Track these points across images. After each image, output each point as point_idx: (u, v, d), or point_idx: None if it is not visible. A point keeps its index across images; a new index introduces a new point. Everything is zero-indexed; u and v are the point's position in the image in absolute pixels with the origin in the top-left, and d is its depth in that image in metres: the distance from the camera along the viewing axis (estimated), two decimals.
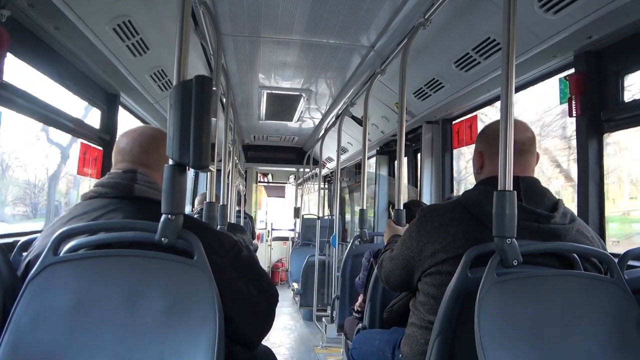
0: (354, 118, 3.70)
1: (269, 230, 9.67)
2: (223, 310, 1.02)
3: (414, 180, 4.24)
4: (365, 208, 2.75)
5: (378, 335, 1.83)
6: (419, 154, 3.96)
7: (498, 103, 2.70)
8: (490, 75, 2.42)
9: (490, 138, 1.41)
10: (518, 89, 2.59)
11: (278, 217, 10.16)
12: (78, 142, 2.62)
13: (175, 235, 1.02)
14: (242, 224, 5.79)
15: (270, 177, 10.33)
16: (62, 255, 1.02)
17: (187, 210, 4.92)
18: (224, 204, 2.53)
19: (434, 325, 1.18)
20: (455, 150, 3.54)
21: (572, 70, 2.11)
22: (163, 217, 1.02)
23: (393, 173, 4.94)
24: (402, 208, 2.10)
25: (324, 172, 7.67)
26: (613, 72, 1.97)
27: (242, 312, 1.18)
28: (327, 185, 9.00)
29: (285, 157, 7.36)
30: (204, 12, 2.07)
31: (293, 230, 9.02)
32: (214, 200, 2.21)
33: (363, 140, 2.82)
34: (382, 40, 2.71)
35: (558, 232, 1.24)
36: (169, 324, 0.98)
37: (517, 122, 1.30)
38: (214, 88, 1.12)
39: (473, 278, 1.13)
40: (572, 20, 1.75)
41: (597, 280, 1.18)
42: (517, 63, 1.28)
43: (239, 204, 6.44)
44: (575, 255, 1.23)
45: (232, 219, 4.67)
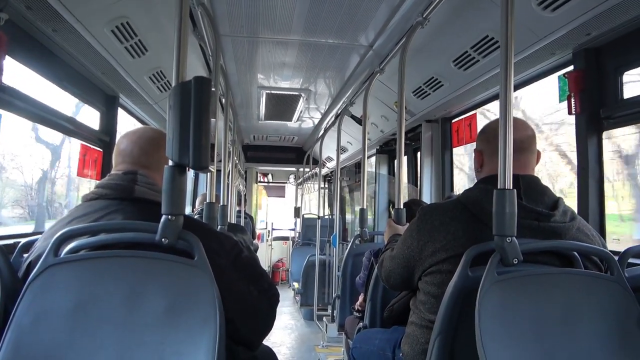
0: (354, 117, 3.70)
1: (269, 230, 9.67)
2: (224, 311, 1.02)
3: (414, 179, 4.24)
4: (366, 207, 2.75)
5: (379, 335, 1.83)
6: (419, 153, 3.96)
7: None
8: (489, 74, 2.42)
9: (490, 137, 1.41)
10: (517, 87, 2.59)
11: (278, 216, 10.16)
12: (71, 141, 2.59)
13: (176, 236, 1.02)
14: (242, 224, 5.80)
15: (270, 177, 10.33)
16: (62, 257, 1.02)
17: (187, 211, 4.92)
18: (224, 204, 2.53)
19: (435, 324, 1.18)
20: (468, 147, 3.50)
21: (571, 68, 2.11)
22: (163, 217, 1.02)
23: (393, 172, 4.94)
24: (402, 207, 2.10)
25: (324, 171, 7.68)
26: (612, 69, 1.97)
27: (243, 313, 1.18)
28: (327, 185, 9.00)
29: (285, 157, 7.35)
30: (202, 13, 2.07)
31: (293, 230, 9.02)
32: (214, 201, 2.21)
33: (363, 140, 2.82)
34: (380, 40, 2.71)
35: (558, 230, 1.24)
36: (170, 325, 0.99)
37: (516, 120, 1.30)
38: (213, 89, 1.12)
39: (473, 277, 1.13)
40: (570, 18, 1.75)
41: (597, 278, 1.18)
42: (516, 61, 1.28)
43: (239, 204, 6.44)
44: (576, 254, 1.23)
45: (232, 219, 4.66)
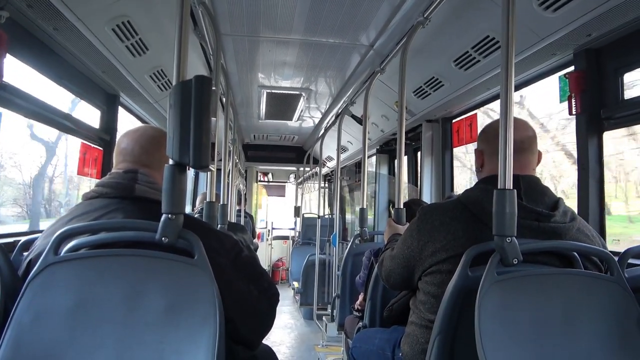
0: (354, 117, 3.70)
1: (269, 230, 9.67)
2: (224, 310, 1.02)
3: (414, 179, 4.24)
4: (366, 207, 2.75)
5: (378, 334, 1.83)
6: (419, 153, 3.96)
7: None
8: (490, 74, 2.41)
9: (490, 137, 1.41)
10: (518, 87, 2.59)
11: (278, 216, 10.16)
12: (67, 138, 2.57)
13: (176, 235, 1.02)
14: (242, 223, 5.80)
15: (271, 176, 10.33)
16: (62, 255, 1.02)
17: (187, 210, 4.92)
18: (224, 203, 2.53)
19: (435, 324, 1.18)
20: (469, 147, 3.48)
21: (571, 68, 2.11)
22: (163, 216, 1.02)
23: (393, 172, 4.94)
24: (402, 207, 2.10)
25: (324, 171, 7.68)
26: (613, 69, 1.97)
27: (242, 313, 1.18)
28: (327, 184, 8.99)
29: (285, 156, 7.35)
30: (203, 12, 2.07)
31: (293, 229, 9.02)
32: (214, 200, 2.21)
33: (363, 139, 2.82)
34: (381, 39, 2.70)
35: (558, 230, 1.24)
36: (170, 323, 0.99)
37: (517, 120, 1.30)
38: (214, 88, 1.12)
39: (473, 277, 1.13)
40: (571, 18, 1.75)
41: (597, 279, 1.18)
42: (516, 61, 1.29)
43: (239, 203, 6.44)
44: (576, 254, 1.23)
45: (232, 218, 4.67)
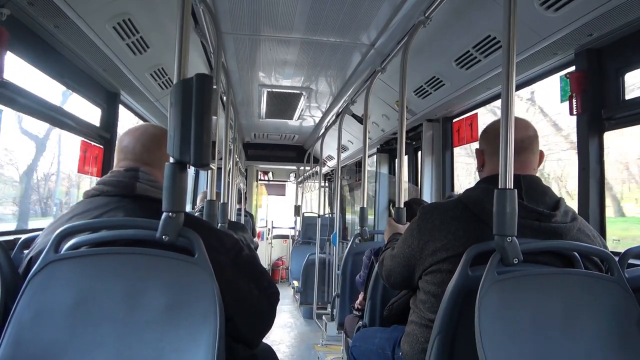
0: (355, 116, 3.69)
1: (270, 229, 9.67)
2: (224, 309, 1.02)
3: (415, 179, 4.24)
4: (366, 206, 2.75)
5: (378, 333, 1.83)
6: (420, 152, 3.96)
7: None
8: (491, 74, 2.41)
9: (491, 136, 1.41)
10: (519, 87, 2.59)
11: (278, 215, 10.16)
12: (61, 133, 2.53)
13: (176, 233, 1.02)
14: (242, 222, 5.80)
15: (271, 175, 10.33)
16: (63, 253, 1.02)
17: (187, 210, 4.91)
18: (225, 202, 2.54)
19: (435, 324, 1.18)
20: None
21: (572, 68, 2.11)
22: (164, 215, 1.02)
23: (393, 171, 4.94)
24: (402, 206, 2.09)
25: (325, 170, 7.67)
26: (614, 69, 1.97)
27: (242, 312, 1.18)
28: (327, 184, 8.99)
29: (286, 155, 7.35)
30: (204, 10, 2.07)
31: (293, 229, 9.02)
32: (215, 198, 2.21)
33: (363, 139, 2.82)
34: (382, 39, 2.70)
35: (559, 230, 1.24)
36: (170, 322, 0.99)
37: (518, 120, 1.30)
38: (214, 86, 1.12)
39: (473, 276, 1.13)
40: (572, 18, 1.75)
41: (597, 279, 1.17)
42: (517, 61, 1.28)
43: (240, 202, 6.45)
44: (576, 254, 1.23)
45: (232, 217, 4.67)
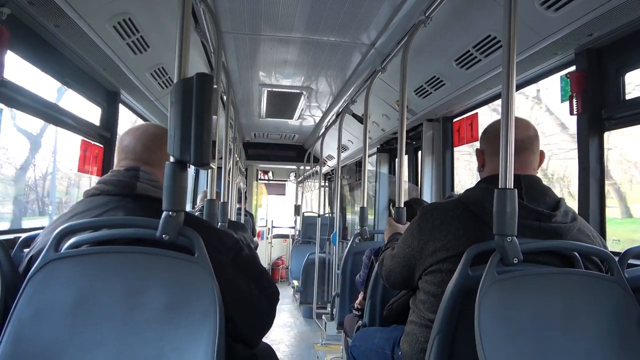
0: (355, 116, 3.69)
1: (269, 228, 9.67)
2: (224, 308, 1.02)
3: (415, 178, 4.24)
4: (366, 206, 2.75)
5: (378, 333, 1.83)
6: (420, 152, 3.96)
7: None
8: (491, 73, 2.41)
9: (491, 136, 1.41)
10: (519, 87, 2.59)
11: (278, 214, 10.16)
12: (57, 131, 2.50)
13: (176, 232, 1.02)
14: (242, 222, 5.80)
15: (271, 174, 10.33)
16: (63, 252, 1.02)
17: (187, 209, 4.91)
18: (225, 202, 2.54)
19: (434, 323, 1.18)
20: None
21: (573, 68, 2.11)
22: (164, 214, 1.02)
23: (393, 171, 4.94)
24: (402, 206, 2.10)
25: (325, 169, 7.67)
26: (614, 69, 1.97)
27: (242, 311, 1.18)
28: (327, 183, 8.99)
29: (286, 154, 7.34)
30: (204, 10, 2.07)
31: (293, 228, 9.02)
32: (215, 198, 2.21)
33: (364, 138, 2.82)
34: (382, 38, 2.70)
35: (559, 230, 1.24)
36: (170, 321, 0.99)
37: (518, 120, 1.30)
38: (215, 86, 1.12)
39: (473, 276, 1.13)
40: (573, 18, 1.74)
41: (597, 279, 1.17)
42: (518, 61, 1.28)
43: (240, 202, 6.44)
44: (576, 254, 1.23)
45: (232, 217, 4.67)
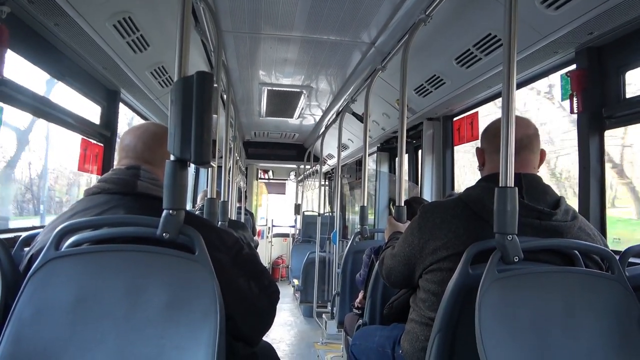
0: (355, 115, 3.69)
1: (270, 227, 9.68)
2: (224, 307, 1.02)
3: (415, 177, 4.24)
4: (366, 205, 2.75)
5: (378, 332, 1.83)
6: (420, 151, 3.96)
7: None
8: (491, 72, 2.41)
9: (491, 135, 1.42)
10: (519, 86, 2.59)
11: (278, 213, 10.16)
12: (49, 127, 2.47)
13: (177, 231, 1.02)
14: (242, 221, 5.80)
15: (271, 173, 10.33)
16: (63, 250, 1.02)
17: (187, 208, 4.91)
18: (225, 201, 2.54)
19: (435, 322, 1.18)
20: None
21: (573, 67, 2.11)
22: (164, 212, 1.02)
23: (394, 170, 4.94)
24: (402, 205, 2.10)
25: (325, 169, 7.67)
26: (614, 68, 1.96)
27: (243, 310, 1.18)
28: (327, 182, 8.99)
29: (286, 153, 7.34)
30: (205, 8, 2.06)
31: (293, 227, 9.02)
32: (215, 197, 2.21)
33: (364, 137, 2.81)
34: (382, 37, 2.70)
35: (560, 229, 1.24)
36: (170, 319, 0.99)
37: (518, 118, 1.29)
38: (215, 85, 1.12)
39: (474, 274, 1.13)
40: (573, 16, 1.74)
41: (598, 277, 1.17)
42: (518, 59, 1.28)
43: (240, 201, 6.44)
44: (577, 252, 1.23)
45: (232, 216, 4.67)
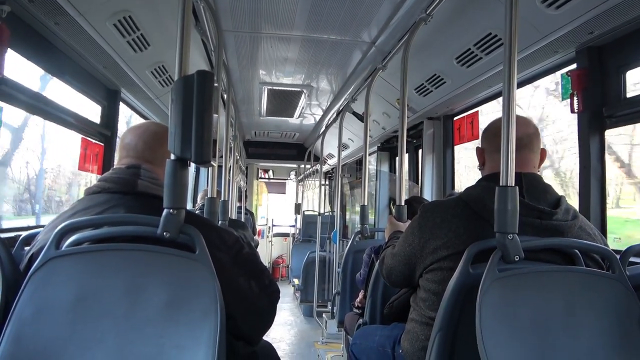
0: (355, 114, 3.69)
1: (270, 227, 9.68)
2: (224, 306, 1.02)
3: (415, 177, 4.24)
4: (367, 204, 2.75)
5: (378, 331, 1.83)
6: (420, 150, 3.95)
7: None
8: (492, 71, 2.41)
9: (490, 135, 1.42)
10: (520, 85, 2.59)
11: (279, 213, 10.16)
12: (43, 124, 2.46)
13: (177, 230, 1.02)
14: (242, 220, 5.80)
15: (271, 173, 10.33)
16: (64, 249, 1.02)
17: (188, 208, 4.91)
18: (225, 200, 2.54)
19: (435, 321, 1.17)
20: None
21: (574, 66, 2.11)
22: (165, 211, 1.02)
23: (394, 169, 4.94)
24: (403, 204, 2.10)
25: (325, 168, 7.66)
26: (615, 67, 1.96)
27: (243, 309, 1.18)
28: (327, 182, 8.99)
29: (286, 153, 7.33)
30: (205, 7, 2.06)
31: (294, 227, 9.03)
32: (215, 196, 2.21)
33: (364, 137, 2.81)
34: (383, 36, 2.70)
35: (560, 228, 1.24)
36: (170, 318, 0.99)
37: (518, 117, 1.29)
38: (215, 84, 1.11)
39: (474, 274, 1.13)
40: (573, 16, 1.74)
41: (598, 277, 1.17)
42: (518, 59, 1.28)
43: (240, 200, 6.44)
44: (577, 252, 1.22)
45: (233, 215, 4.67)
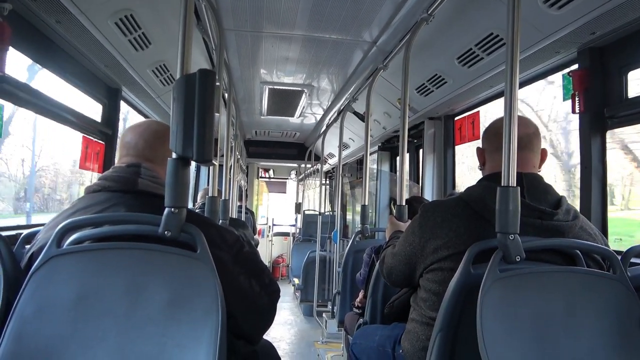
0: (356, 114, 3.69)
1: (270, 226, 9.68)
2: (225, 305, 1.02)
3: (416, 177, 4.24)
4: (367, 204, 2.75)
5: (379, 331, 1.83)
6: (421, 150, 3.95)
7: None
8: (493, 72, 2.41)
9: (491, 135, 1.42)
10: (521, 85, 2.58)
11: (279, 212, 10.16)
12: (35, 118, 2.44)
13: (179, 229, 1.02)
14: (243, 219, 5.80)
15: (272, 172, 10.33)
16: (65, 248, 1.02)
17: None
18: (226, 199, 2.54)
19: (436, 321, 1.17)
20: None
21: (575, 66, 2.11)
22: (166, 210, 1.02)
23: (395, 169, 4.94)
24: (403, 204, 2.09)
25: (326, 168, 7.66)
26: (616, 68, 1.96)
27: (243, 308, 1.18)
28: (328, 181, 8.99)
29: (287, 152, 7.33)
30: (206, 6, 2.06)
31: (294, 226, 9.03)
32: (216, 195, 2.22)
33: (365, 136, 2.81)
34: (384, 36, 2.70)
35: (561, 228, 1.24)
36: (172, 317, 0.99)
37: (518, 118, 1.29)
38: (217, 83, 1.12)
39: (475, 274, 1.13)
40: (575, 16, 1.74)
41: (599, 277, 1.17)
42: (520, 59, 1.28)
43: (241, 199, 6.44)
44: (578, 252, 1.22)
45: (233, 214, 4.67)
